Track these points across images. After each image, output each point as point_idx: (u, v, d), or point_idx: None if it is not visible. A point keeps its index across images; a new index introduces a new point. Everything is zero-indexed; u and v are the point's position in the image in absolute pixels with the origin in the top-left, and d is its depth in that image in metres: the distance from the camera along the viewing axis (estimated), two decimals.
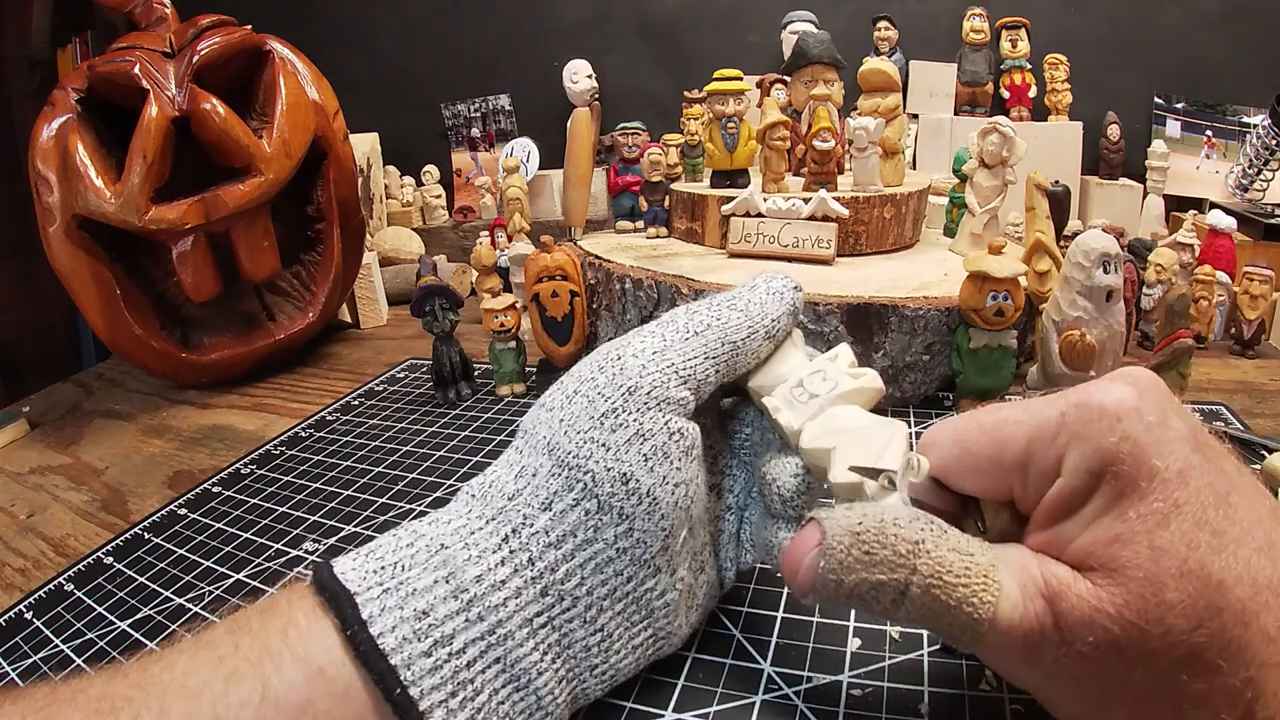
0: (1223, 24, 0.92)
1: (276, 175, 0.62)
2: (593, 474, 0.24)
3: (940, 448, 0.23)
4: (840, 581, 0.20)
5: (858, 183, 0.62)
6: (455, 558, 0.23)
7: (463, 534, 0.24)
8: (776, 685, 0.27)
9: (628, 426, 0.24)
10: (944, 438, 0.23)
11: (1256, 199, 0.86)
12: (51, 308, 1.18)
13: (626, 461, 0.24)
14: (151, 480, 0.51)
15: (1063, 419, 0.20)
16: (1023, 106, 0.96)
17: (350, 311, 0.84)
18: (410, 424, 0.55)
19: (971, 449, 0.23)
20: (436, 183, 1.08)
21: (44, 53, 1.17)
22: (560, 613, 0.24)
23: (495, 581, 0.23)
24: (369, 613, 0.22)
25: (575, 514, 0.24)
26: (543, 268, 0.53)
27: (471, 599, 0.22)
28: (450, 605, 0.22)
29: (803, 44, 0.70)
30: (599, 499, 0.24)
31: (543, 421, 0.26)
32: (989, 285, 0.45)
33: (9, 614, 0.36)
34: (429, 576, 0.23)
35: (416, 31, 1.14)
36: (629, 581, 0.24)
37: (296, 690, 0.21)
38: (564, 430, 0.25)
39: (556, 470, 0.24)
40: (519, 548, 0.24)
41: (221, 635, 0.22)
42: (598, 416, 0.24)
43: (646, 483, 0.24)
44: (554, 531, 0.24)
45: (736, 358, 0.27)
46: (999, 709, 0.25)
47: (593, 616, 0.24)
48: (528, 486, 0.25)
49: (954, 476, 0.23)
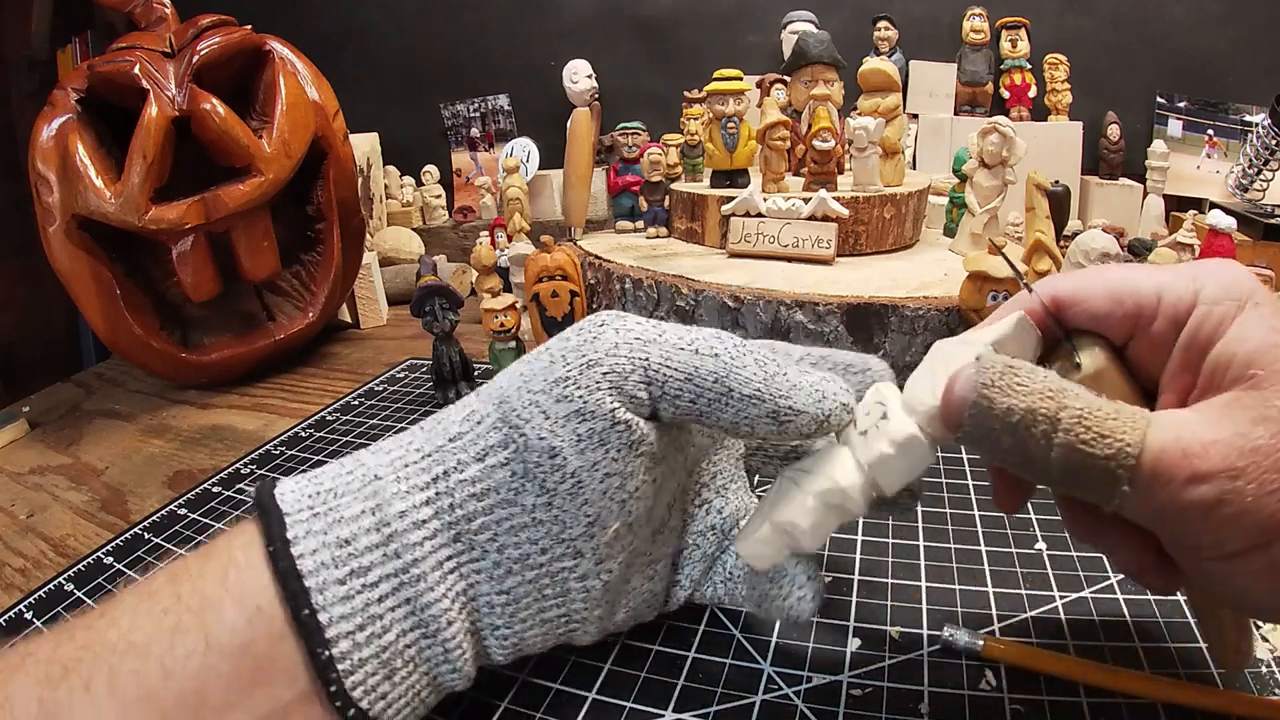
0: (1226, 22, 0.92)
1: (276, 175, 0.62)
2: (526, 438, 0.23)
3: (1059, 287, 0.24)
4: (992, 402, 0.20)
5: (858, 183, 0.62)
6: (385, 490, 0.23)
7: (396, 467, 0.24)
8: (776, 685, 0.27)
9: (572, 400, 0.23)
10: (1064, 283, 0.24)
11: (1256, 199, 0.86)
12: (51, 308, 1.18)
13: (560, 436, 0.23)
14: (151, 480, 0.51)
15: (1194, 268, 0.22)
16: (1023, 106, 0.96)
17: (350, 311, 0.84)
18: (410, 424, 0.54)
19: (1089, 290, 0.23)
20: (436, 183, 1.08)
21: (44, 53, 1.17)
22: (469, 561, 0.24)
23: (417, 520, 0.23)
24: (294, 534, 0.22)
25: (502, 472, 0.24)
26: (543, 268, 0.53)
27: (392, 534, 0.23)
28: (371, 537, 0.22)
29: (803, 44, 0.70)
30: (525, 464, 0.23)
31: (509, 371, 0.26)
32: (989, 285, 0.45)
33: (9, 614, 0.36)
34: (357, 506, 0.23)
35: (416, 32, 1.14)
36: (544, 554, 0.24)
37: (238, 633, 0.21)
38: (518, 385, 0.24)
39: (499, 424, 0.24)
40: (444, 491, 0.24)
41: (163, 585, 0.22)
42: (551, 381, 0.24)
43: (574, 464, 0.23)
44: (480, 483, 0.24)
45: (723, 408, 0.23)
46: (999, 709, 0.25)
47: (500, 575, 0.24)
48: (469, 432, 0.24)
49: (1065, 308, 0.24)
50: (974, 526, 0.36)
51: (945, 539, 0.35)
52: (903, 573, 0.33)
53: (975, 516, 0.37)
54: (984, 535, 0.35)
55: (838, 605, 0.31)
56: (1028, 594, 0.31)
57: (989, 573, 0.32)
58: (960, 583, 0.32)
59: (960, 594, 0.31)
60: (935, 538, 0.35)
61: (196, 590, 0.22)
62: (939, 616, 0.30)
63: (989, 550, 0.34)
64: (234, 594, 0.21)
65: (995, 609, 0.30)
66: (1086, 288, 0.23)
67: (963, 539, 0.35)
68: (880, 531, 0.36)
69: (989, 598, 0.31)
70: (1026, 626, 0.29)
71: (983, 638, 0.27)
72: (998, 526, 0.36)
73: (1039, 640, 0.28)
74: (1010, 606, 0.30)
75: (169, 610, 0.21)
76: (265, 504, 0.23)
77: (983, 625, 0.29)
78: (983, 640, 0.27)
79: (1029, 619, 0.29)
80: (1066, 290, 0.23)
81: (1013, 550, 0.34)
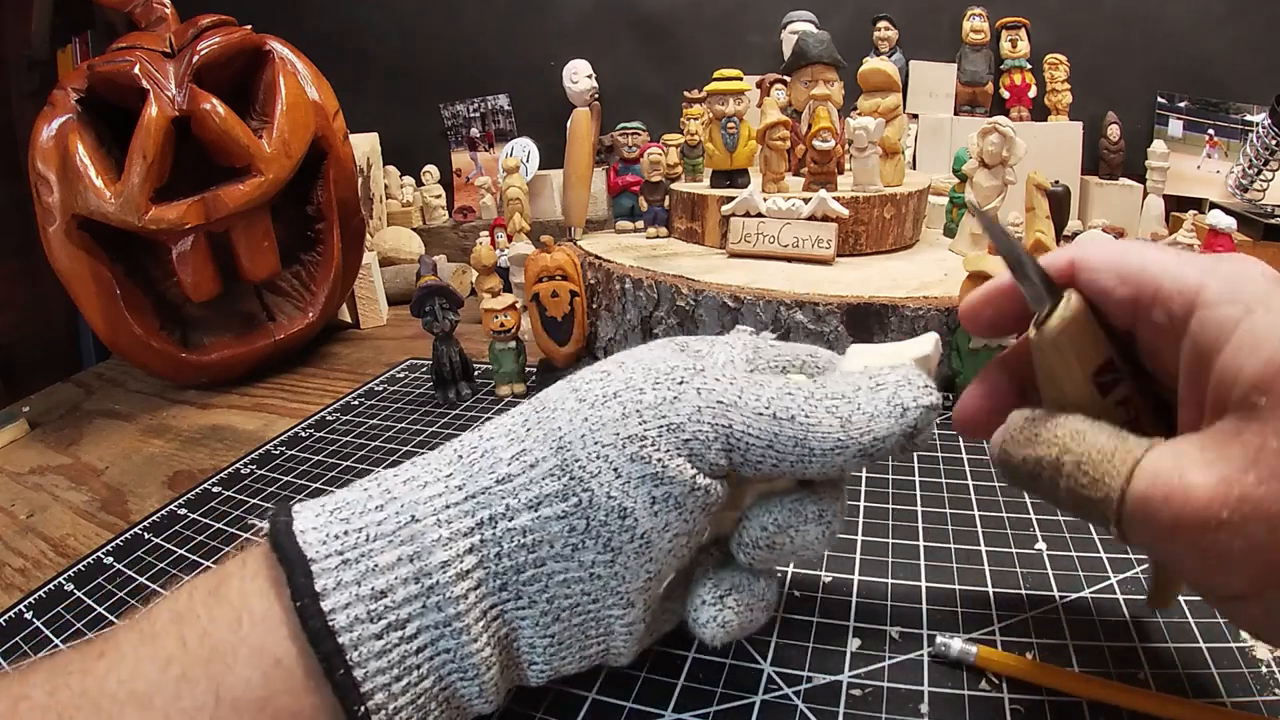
0: (1226, 22, 0.92)
1: (276, 175, 0.62)
2: (592, 494, 0.22)
3: (1079, 254, 0.22)
4: (1009, 455, 0.22)
5: (858, 183, 0.62)
6: (425, 536, 0.22)
7: (436, 507, 0.22)
8: (776, 685, 0.27)
9: (649, 463, 0.22)
10: (1082, 251, 0.22)
11: (1256, 199, 0.86)
12: (51, 308, 1.17)
13: (632, 497, 0.22)
14: (151, 480, 0.51)
15: (1204, 262, 0.20)
16: (1023, 106, 0.96)
17: (350, 311, 0.84)
18: (410, 424, 0.55)
19: (1099, 262, 0.22)
20: (436, 183, 1.08)
21: (44, 53, 1.17)
22: (515, 610, 0.23)
23: (460, 570, 0.22)
24: (323, 585, 0.20)
25: (558, 526, 0.22)
26: (543, 268, 0.53)
27: (433, 585, 0.21)
28: (410, 589, 0.21)
29: (803, 44, 0.70)
30: (589, 521, 0.22)
31: (566, 408, 0.23)
32: None
33: (9, 614, 0.36)
34: (393, 552, 0.21)
35: (416, 31, 1.14)
36: (595, 603, 0.23)
37: (253, 687, 0.20)
38: (583, 432, 0.22)
39: (557, 472, 0.22)
40: (491, 539, 0.22)
41: (167, 627, 0.21)
42: (624, 437, 0.22)
43: (645, 525, 0.22)
44: (532, 534, 0.22)
45: (809, 465, 0.22)
46: (999, 709, 0.25)
47: (546, 623, 0.23)
48: (521, 475, 0.22)
49: (1077, 273, 0.22)
50: (974, 526, 0.36)
51: (945, 539, 0.35)
52: (903, 573, 0.33)
53: (975, 517, 0.37)
54: (984, 535, 0.35)
55: (838, 605, 0.31)
56: (1028, 594, 0.31)
57: (989, 573, 0.32)
58: (960, 583, 0.32)
59: (960, 594, 0.31)
60: (935, 538, 0.35)
61: (205, 637, 0.20)
62: (939, 616, 0.30)
63: (989, 550, 0.34)
64: (249, 644, 0.20)
65: (995, 609, 0.30)
66: (1098, 258, 0.22)
67: (963, 539, 0.35)
68: (880, 532, 0.36)
69: (989, 598, 0.31)
70: (1026, 626, 0.29)
71: (977, 646, 0.27)
72: (998, 526, 0.36)
73: (1039, 640, 0.28)
74: (1010, 606, 0.30)
75: (174, 659, 0.20)
76: (285, 546, 0.21)
77: (983, 625, 0.29)
78: (976, 649, 0.27)
79: (1029, 619, 0.29)
80: (1081, 256, 0.22)
81: (1013, 550, 0.34)
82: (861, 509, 0.38)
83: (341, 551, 0.21)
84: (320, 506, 0.22)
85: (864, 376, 0.23)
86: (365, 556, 0.21)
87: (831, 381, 0.23)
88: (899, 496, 0.39)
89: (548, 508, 0.22)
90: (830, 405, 0.22)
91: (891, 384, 0.23)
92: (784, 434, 0.22)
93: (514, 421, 0.24)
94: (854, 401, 0.22)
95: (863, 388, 0.23)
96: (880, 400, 0.23)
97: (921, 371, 0.24)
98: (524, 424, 0.24)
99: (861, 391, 0.23)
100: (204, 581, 0.22)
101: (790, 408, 0.22)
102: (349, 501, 0.22)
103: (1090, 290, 0.22)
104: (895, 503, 0.38)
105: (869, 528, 0.36)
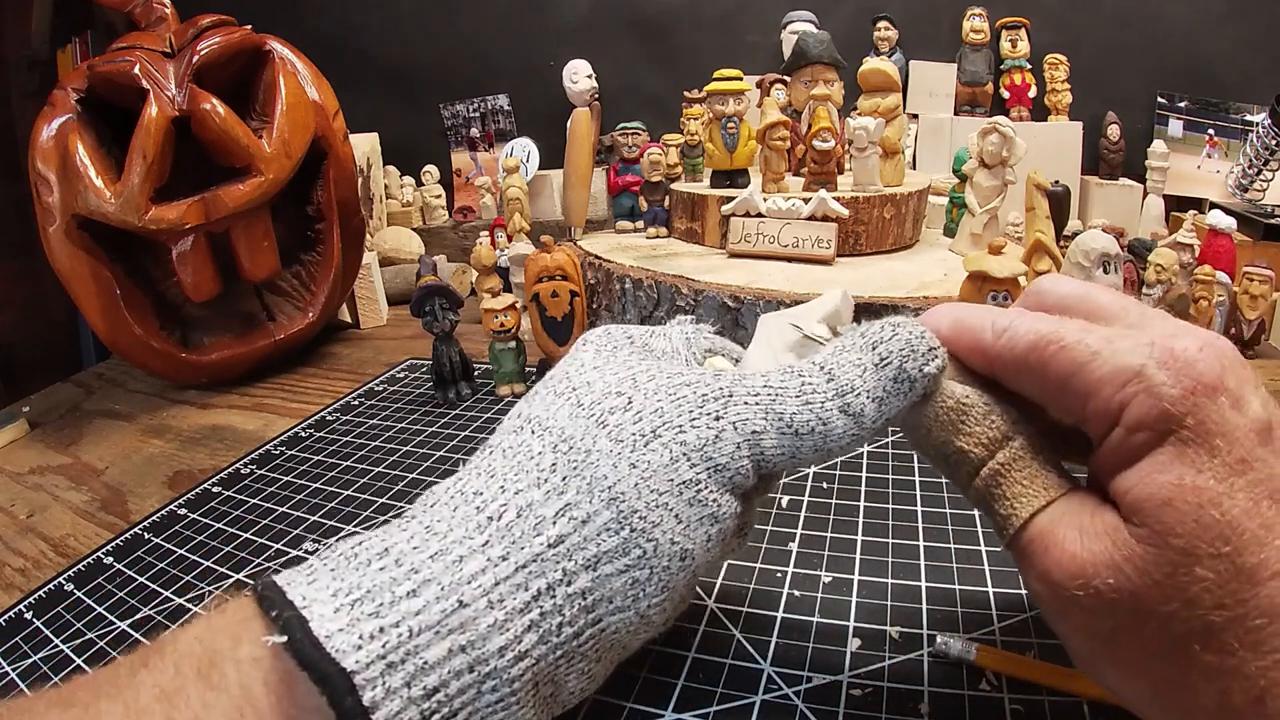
0: (1226, 22, 0.92)
1: (276, 175, 0.62)
2: (656, 544, 0.22)
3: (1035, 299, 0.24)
4: (930, 433, 0.23)
5: (858, 183, 0.62)
6: (478, 623, 0.20)
7: (485, 586, 0.20)
8: (776, 685, 0.27)
9: (706, 505, 0.22)
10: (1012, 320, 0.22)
11: (1256, 199, 0.86)
12: (51, 308, 1.18)
13: (693, 539, 0.22)
14: (151, 480, 0.51)
15: (1142, 370, 0.19)
16: (1023, 106, 0.96)
17: (350, 311, 0.84)
18: (410, 424, 0.55)
19: (1021, 351, 0.21)
20: (436, 183, 1.08)
21: (44, 53, 1.17)
22: (565, 669, 0.22)
23: (520, 652, 0.20)
24: (372, 698, 0.18)
25: (620, 580, 0.22)
26: (543, 268, 0.53)
27: (490, 672, 0.20)
28: (465, 679, 0.19)
29: (803, 44, 0.70)
30: (653, 570, 0.22)
31: (603, 450, 0.22)
32: (989, 285, 0.45)
33: (9, 614, 0.36)
34: (443, 645, 0.19)
35: (415, 32, 1.14)
36: (629, 636, 0.23)
37: None
38: (634, 481, 0.22)
39: (615, 525, 0.21)
40: (552, 609, 0.21)
41: (151, 705, 0.18)
42: (679, 484, 0.22)
43: (700, 559, 0.23)
44: (592, 595, 0.21)
45: (825, 460, 0.25)
46: (999, 709, 0.25)
47: (588, 668, 0.23)
48: (574, 535, 0.21)
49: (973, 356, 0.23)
50: (974, 526, 0.36)
51: (945, 539, 0.35)
52: (903, 573, 0.33)
53: (975, 516, 0.37)
54: (984, 535, 0.35)
55: (838, 605, 0.31)
56: (1028, 594, 0.31)
57: (989, 573, 0.32)
58: (960, 583, 0.32)
59: (960, 594, 0.31)
60: (935, 538, 0.35)
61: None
62: (939, 616, 0.30)
63: (989, 550, 0.34)
64: None
65: (995, 609, 0.30)
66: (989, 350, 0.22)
67: (963, 539, 0.35)
68: (880, 532, 0.36)
69: (989, 598, 0.31)
70: (1027, 626, 0.29)
71: (976, 646, 0.27)
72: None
73: (1039, 640, 0.28)
74: (1010, 606, 0.30)
75: None
76: (314, 661, 0.18)
77: (983, 625, 0.29)
78: (975, 649, 0.27)
79: (1029, 619, 0.29)
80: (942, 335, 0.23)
81: None
82: (861, 509, 0.38)
83: (384, 655, 0.19)
84: (332, 594, 0.20)
85: (866, 350, 0.23)
86: (411, 655, 0.19)
87: (838, 366, 0.23)
88: (899, 496, 0.39)
89: (608, 564, 0.22)
90: (843, 404, 0.23)
91: (896, 357, 0.23)
92: (805, 445, 0.23)
93: (536, 465, 0.23)
94: (862, 391, 0.23)
95: (868, 368, 0.23)
96: (886, 379, 0.23)
97: (921, 329, 0.23)
98: (553, 469, 0.22)
99: (867, 373, 0.23)
100: (188, 652, 0.20)
101: (810, 420, 0.23)
102: (372, 589, 0.20)
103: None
104: (895, 503, 0.38)
105: (869, 528, 0.36)
